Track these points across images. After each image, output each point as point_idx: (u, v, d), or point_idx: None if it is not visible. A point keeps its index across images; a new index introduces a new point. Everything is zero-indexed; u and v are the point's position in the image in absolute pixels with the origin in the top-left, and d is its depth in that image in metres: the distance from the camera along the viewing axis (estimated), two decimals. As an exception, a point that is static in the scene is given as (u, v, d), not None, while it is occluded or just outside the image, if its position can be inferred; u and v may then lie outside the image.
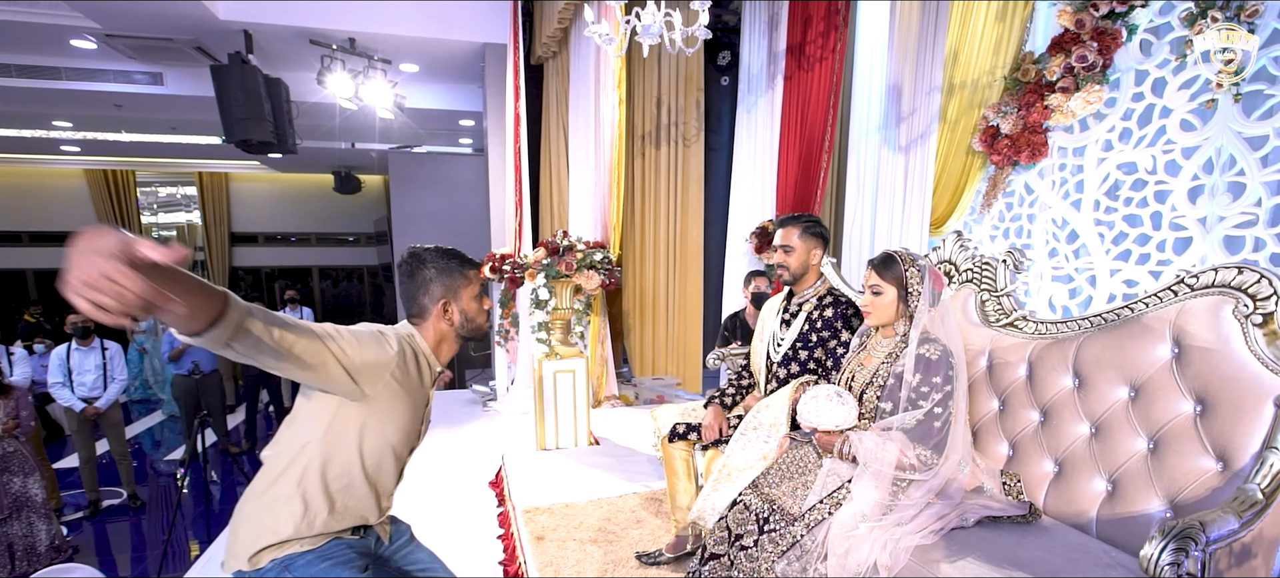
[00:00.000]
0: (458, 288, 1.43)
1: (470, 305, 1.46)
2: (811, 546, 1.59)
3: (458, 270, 1.43)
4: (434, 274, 1.41)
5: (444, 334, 1.45)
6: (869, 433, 1.70)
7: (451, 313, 1.44)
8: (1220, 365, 1.39)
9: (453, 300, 1.43)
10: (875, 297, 1.80)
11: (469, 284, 1.45)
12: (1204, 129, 2.58)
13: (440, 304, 1.42)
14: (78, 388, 4.39)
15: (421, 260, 1.42)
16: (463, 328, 1.47)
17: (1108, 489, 1.57)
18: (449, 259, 1.43)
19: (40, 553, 3.82)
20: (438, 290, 1.42)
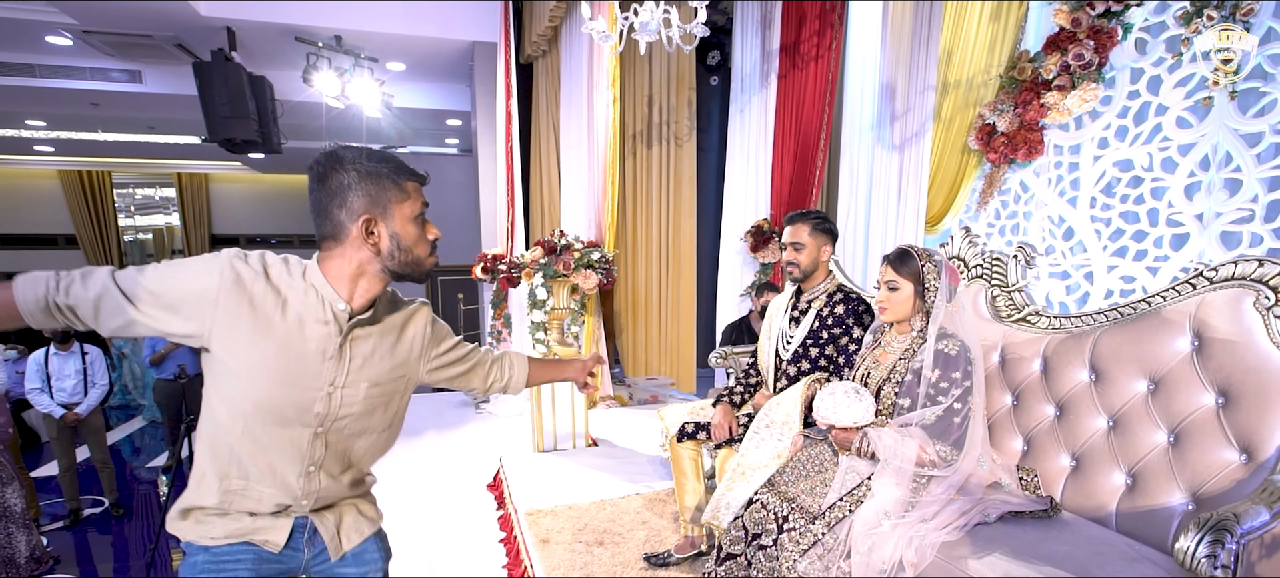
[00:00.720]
0: (388, 201, 1.07)
1: (405, 228, 1.09)
2: (833, 544, 1.56)
3: (389, 177, 1.07)
4: (354, 179, 1.05)
5: (363, 265, 1.08)
6: (888, 430, 1.68)
7: (377, 235, 1.07)
8: (1243, 358, 1.39)
9: (379, 218, 1.07)
10: (892, 293, 1.79)
11: (405, 199, 1.09)
12: (1200, 126, 2.61)
13: (361, 221, 1.05)
14: (57, 394, 4.24)
15: (339, 161, 1.05)
16: (392, 257, 1.09)
17: (1127, 483, 1.57)
18: (381, 163, 1.07)
19: (19, 565, 3.67)
20: (358, 202, 1.05)
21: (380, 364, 1.16)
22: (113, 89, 5.69)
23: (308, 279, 1.08)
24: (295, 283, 1.07)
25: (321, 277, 1.08)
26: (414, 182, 1.11)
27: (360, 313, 1.11)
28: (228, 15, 4.70)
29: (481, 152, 5.52)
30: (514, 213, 4.72)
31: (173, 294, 1.00)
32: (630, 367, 5.47)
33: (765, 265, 4.54)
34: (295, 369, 1.06)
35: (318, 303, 1.07)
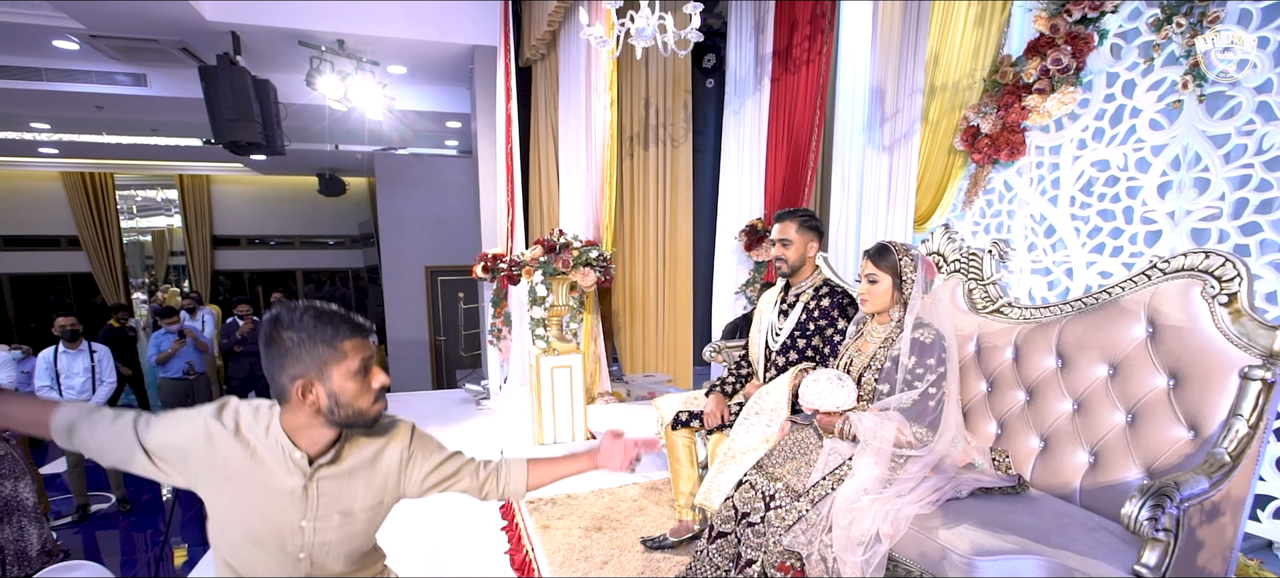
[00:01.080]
0: (325, 363, 1.11)
1: (343, 386, 1.12)
2: (816, 519, 1.67)
3: (325, 342, 1.10)
4: (291, 345, 1.10)
5: (309, 420, 1.14)
6: (868, 413, 1.79)
7: (315, 395, 1.11)
8: (1190, 342, 1.51)
9: (315, 380, 1.11)
10: (871, 285, 1.90)
11: (341, 359, 1.12)
12: (1171, 128, 2.73)
13: (298, 385, 1.10)
14: (66, 391, 4.33)
15: (279, 324, 1.11)
16: (332, 414, 1.13)
17: (1090, 461, 1.68)
18: (320, 325, 1.11)
19: (31, 557, 3.76)
20: (295, 367, 1.10)
21: (351, 498, 1.23)
22: (118, 92, 5.79)
23: (271, 433, 1.16)
24: (261, 435, 1.16)
25: (280, 428, 1.16)
26: (353, 339, 1.13)
27: (320, 456, 1.19)
28: (233, 19, 4.80)
29: (481, 153, 5.63)
30: (514, 213, 4.82)
31: (164, 450, 1.15)
32: (628, 365, 5.58)
33: (759, 264, 4.65)
34: (269, 508, 1.17)
35: (280, 452, 1.16)
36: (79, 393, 4.39)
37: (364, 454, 1.25)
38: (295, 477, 1.17)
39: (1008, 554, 1.39)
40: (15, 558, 3.77)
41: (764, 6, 4.62)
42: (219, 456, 1.14)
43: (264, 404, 1.19)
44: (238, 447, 1.15)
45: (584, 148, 4.63)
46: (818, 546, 1.64)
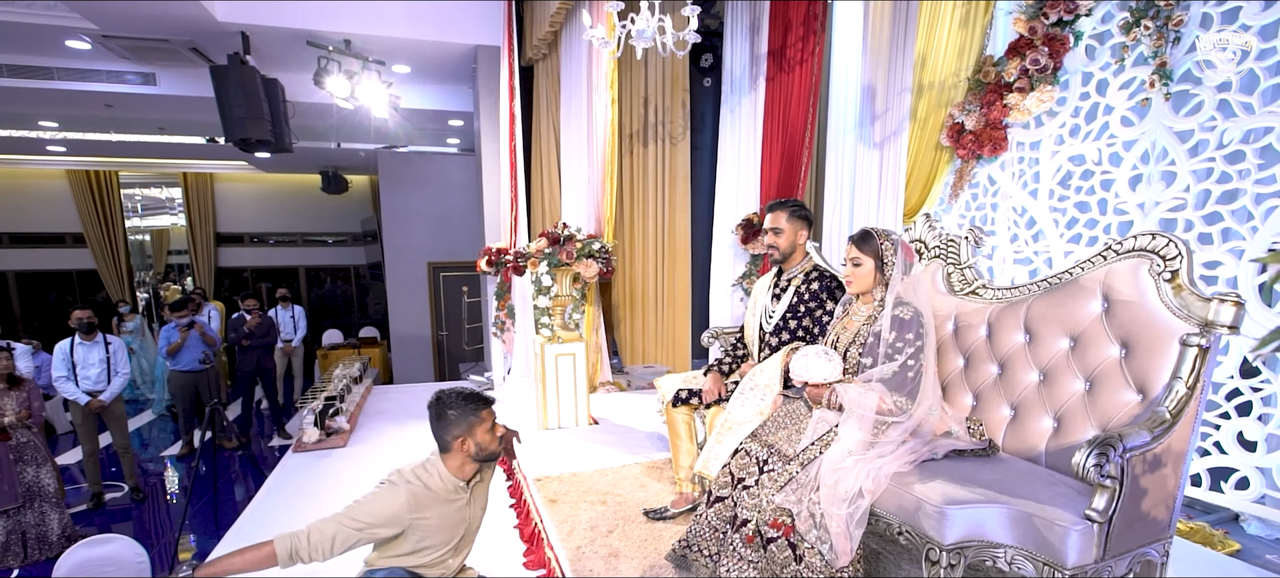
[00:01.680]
0: (473, 426, 1.81)
1: (484, 438, 1.83)
2: (806, 479, 1.84)
3: (473, 413, 1.80)
4: (454, 417, 1.80)
5: (463, 461, 1.84)
6: (853, 384, 1.96)
7: (468, 446, 1.82)
8: (1138, 315, 1.67)
9: (468, 436, 1.81)
10: (855, 268, 2.07)
11: (482, 423, 1.82)
12: (1141, 125, 2.91)
13: (458, 440, 1.81)
14: (82, 381, 4.47)
15: (445, 404, 1.82)
16: (477, 455, 1.84)
17: (1053, 426, 1.85)
18: (466, 403, 1.81)
19: (52, 541, 3.91)
20: (456, 430, 1.80)
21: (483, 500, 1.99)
22: (127, 91, 5.91)
23: (440, 476, 1.82)
24: (436, 481, 1.81)
25: (445, 470, 1.84)
26: (486, 408, 1.85)
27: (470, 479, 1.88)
28: (243, 19, 4.94)
29: (485, 151, 5.78)
30: (517, 209, 4.97)
31: (379, 523, 1.72)
32: (628, 356, 5.73)
33: (755, 256, 4.82)
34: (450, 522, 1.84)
35: (451, 487, 1.83)
36: (95, 383, 4.52)
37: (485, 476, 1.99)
38: (462, 495, 1.87)
39: (975, 503, 1.55)
40: (36, 542, 3.92)
41: (759, 7, 4.79)
42: (422, 508, 1.77)
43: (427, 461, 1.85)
44: (428, 495, 1.79)
45: (586, 145, 4.78)
46: (807, 503, 1.80)
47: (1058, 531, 1.46)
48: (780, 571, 1.83)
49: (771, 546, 1.86)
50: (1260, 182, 2.53)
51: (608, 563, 2.23)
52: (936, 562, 1.57)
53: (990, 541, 1.55)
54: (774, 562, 1.84)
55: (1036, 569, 1.51)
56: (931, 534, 1.58)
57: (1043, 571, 1.49)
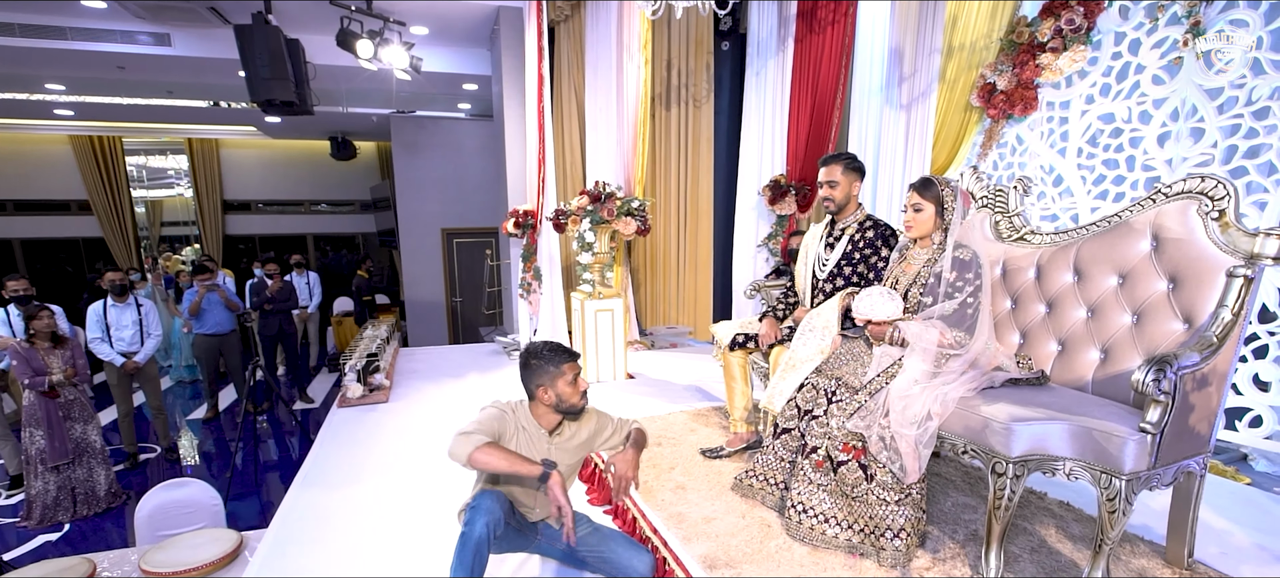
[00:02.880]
0: (554, 377, 1.91)
1: (564, 389, 1.92)
2: (874, 406, 1.98)
3: (554, 364, 1.91)
4: (537, 366, 1.92)
5: (545, 409, 1.96)
6: (915, 321, 2.09)
7: (549, 395, 1.93)
8: (1187, 251, 1.81)
9: (549, 386, 1.92)
10: (917, 213, 2.19)
11: (563, 375, 1.91)
12: (1171, 83, 3.03)
13: (540, 389, 1.93)
14: (117, 343, 4.53)
15: (531, 354, 1.94)
16: (557, 405, 1.94)
17: (1101, 357, 2.00)
18: (551, 355, 1.91)
19: (99, 497, 4.02)
20: (540, 378, 1.92)
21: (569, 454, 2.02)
22: (141, 51, 5.84)
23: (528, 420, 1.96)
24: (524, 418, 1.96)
25: (530, 416, 1.97)
26: (568, 361, 1.93)
27: (553, 430, 1.98)
28: (266, -22, 4.88)
29: (508, 114, 5.79)
30: (544, 171, 5.03)
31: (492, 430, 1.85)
32: (649, 317, 5.86)
33: (781, 217, 4.94)
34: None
35: (535, 430, 1.96)
36: (129, 345, 4.58)
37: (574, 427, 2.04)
38: (545, 442, 1.97)
39: (1038, 420, 1.70)
40: (86, 498, 4.03)
41: (787, -31, 4.81)
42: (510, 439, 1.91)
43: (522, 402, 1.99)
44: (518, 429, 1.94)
45: (615, 106, 4.83)
46: (877, 428, 1.95)
47: (1116, 441, 1.61)
48: (851, 490, 1.99)
49: (842, 468, 2.01)
50: (1287, 137, 2.66)
51: (676, 495, 2.38)
52: (1003, 473, 1.72)
53: (1052, 454, 1.70)
54: (845, 483, 2.00)
55: (1093, 478, 1.66)
56: (998, 449, 1.73)
57: (1100, 479, 1.65)
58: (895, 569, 1.87)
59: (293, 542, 2.33)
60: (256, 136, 9.71)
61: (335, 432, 3.58)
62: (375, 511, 2.55)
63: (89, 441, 4.04)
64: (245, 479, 4.62)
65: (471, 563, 1.75)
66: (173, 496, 2.69)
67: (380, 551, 2.28)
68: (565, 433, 2.02)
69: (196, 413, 6.25)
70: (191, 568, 2.11)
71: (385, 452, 3.24)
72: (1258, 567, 1.94)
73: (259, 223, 10.55)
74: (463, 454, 1.78)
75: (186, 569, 2.09)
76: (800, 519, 2.05)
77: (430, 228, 8.16)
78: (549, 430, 1.97)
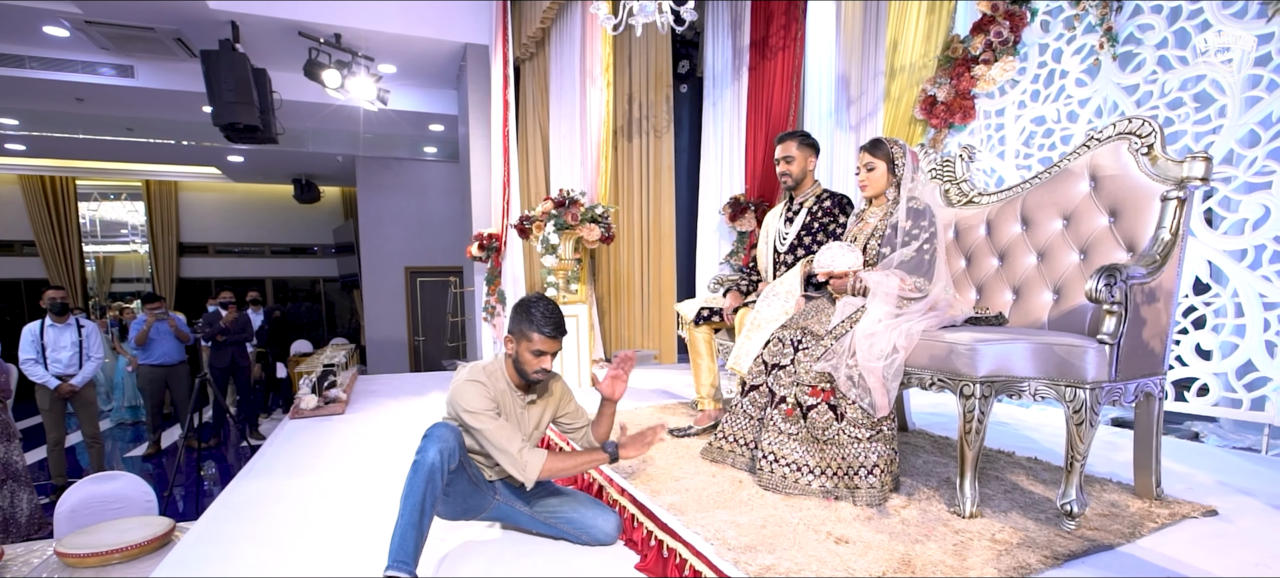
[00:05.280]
0: (524, 332, 1.83)
1: (526, 355, 1.84)
2: (840, 349, 1.98)
3: (529, 323, 1.82)
4: (517, 315, 1.86)
5: (510, 362, 1.89)
6: (875, 271, 2.14)
7: (511, 346, 1.88)
8: (1123, 185, 1.92)
9: (517, 340, 1.86)
10: (869, 172, 2.28)
11: (529, 340, 1.82)
12: (1093, 84, 3.29)
13: (508, 338, 1.88)
14: (52, 365, 4.24)
15: (529, 302, 1.87)
16: (516, 362, 1.87)
17: (1054, 297, 2.07)
18: (542, 316, 1.83)
19: (20, 523, 3.66)
20: (513, 327, 1.87)
21: (537, 416, 1.99)
22: (103, 83, 5.78)
23: (502, 375, 1.89)
24: (499, 381, 1.87)
25: (504, 372, 1.90)
26: (543, 334, 1.82)
27: (520, 388, 1.92)
28: (235, 9, 4.96)
29: (474, 148, 5.87)
30: (509, 193, 5.07)
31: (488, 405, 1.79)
32: (614, 343, 5.80)
33: (742, 234, 5.05)
34: (511, 417, 1.89)
35: (504, 383, 1.89)
36: (66, 367, 4.30)
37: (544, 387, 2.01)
38: (518, 398, 1.92)
39: (1001, 341, 1.73)
40: (4, 523, 3.67)
41: (740, 4, 5.14)
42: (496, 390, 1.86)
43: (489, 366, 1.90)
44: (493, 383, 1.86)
45: (579, 130, 4.95)
46: (844, 367, 1.94)
47: (1076, 352, 1.64)
48: (822, 434, 1.96)
49: (811, 412, 1.99)
50: (1198, 122, 2.90)
51: (642, 464, 2.30)
52: (971, 395, 1.73)
53: (1016, 374, 1.72)
54: (815, 427, 1.97)
55: (1058, 393, 1.69)
56: (964, 371, 1.74)
57: (1066, 393, 1.67)
58: (871, 507, 1.83)
59: (232, 524, 2.14)
60: (219, 179, 9.54)
61: (288, 436, 3.37)
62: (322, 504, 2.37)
63: (11, 462, 3.69)
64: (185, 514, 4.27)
65: (423, 492, 1.62)
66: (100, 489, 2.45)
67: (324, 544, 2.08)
68: (538, 402, 1.99)
69: (136, 450, 5.81)
70: (113, 549, 1.89)
71: (339, 449, 3.06)
72: (1221, 497, 1.97)
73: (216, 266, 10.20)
74: (532, 474, 1.74)
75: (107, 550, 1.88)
76: (772, 469, 1.99)
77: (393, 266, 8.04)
78: (521, 392, 1.92)
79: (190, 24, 5.16)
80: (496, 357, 1.94)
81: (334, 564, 1.85)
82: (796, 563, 1.47)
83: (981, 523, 1.71)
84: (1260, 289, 2.63)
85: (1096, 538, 1.62)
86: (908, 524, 1.70)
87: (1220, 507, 1.87)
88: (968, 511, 1.75)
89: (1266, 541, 1.67)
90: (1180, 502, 1.89)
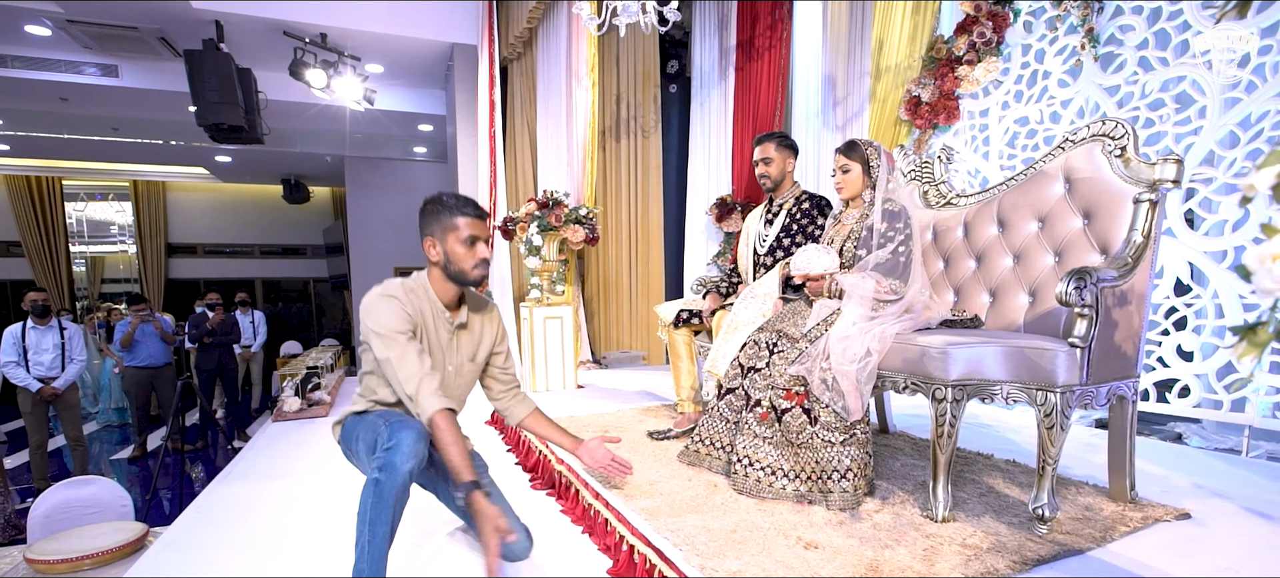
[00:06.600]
0: (443, 229, 1.55)
1: (453, 249, 1.55)
2: (815, 352, 1.98)
3: (445, 212, 1.55)
4: (429, 214, 1.57)
5: (439, 274, 1.59)
6: (851, 273, 2.13)
7: (437, 252, 1.56)
8: (1096, 187, 1.92)
9: (437, 240, 1.56)
10: (845, 174, 2.27)
11: (454, 229, 1.55)
12: (1075, 85, 3.29)
13: (428, 241, 1.57)
14: (34, 367, 4.20)
15: (430, 199, 1.59)
16: (446, 269, 1.58)
17: (1029, 300, 2.06)
18: (441, 202, 1.57)
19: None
20: (426, 228, 1.57)
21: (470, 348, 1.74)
22: (86, 82, 5.73)
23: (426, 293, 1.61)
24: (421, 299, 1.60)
25: (428, 285, 1.62)
26: (465, 216, 1.57)
27: (450, 307, 1.64)
28: (219, 8, 4.91)
29: (462, 149, 5.84)
30: (495, 193, 5.05)
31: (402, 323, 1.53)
32: (603, 344, 5.79)
33: (728, 234, 5.04)
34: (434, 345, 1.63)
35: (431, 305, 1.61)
36: (48, 370, 4.26)
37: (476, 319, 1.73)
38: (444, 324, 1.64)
39: (973, 344, 1.72)
40: (-21, 531, 3.62)
41: (727, 4, 5.13)
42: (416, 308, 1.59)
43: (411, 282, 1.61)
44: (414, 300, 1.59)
45: (565, 130, 4.94)
46: (818, 371, 1.94)
47: (1047, 355, 1.64)
48: (796, 437, 1.95)
49: (785, 416, 1.98)
50: (1178, 122, 2.90)
51: (621, 467, 2.28)
52: (943, 399, 1.72)
53: (987, 378, 1.72)
54: (789, 431, 1.96)
55: (1030, 397, 1.68)
56: (936, 375, 1.73)
57: (1037, 397, 1.66)
58: (845, 512, 1.82)
59: (207, 528, 2.11)
60: (207, 179, 9.48)
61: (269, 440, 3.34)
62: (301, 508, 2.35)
63: (-16, 472, 3.66)
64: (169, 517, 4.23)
65: (390, 519, 1.35)
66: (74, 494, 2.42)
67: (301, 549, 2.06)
68: (472, 327, 1.70)
69: (121, 453, 5.76)
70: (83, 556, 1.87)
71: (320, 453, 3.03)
72: (1196, 500, 1.97)
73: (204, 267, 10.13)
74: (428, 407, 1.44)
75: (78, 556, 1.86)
76: (747, 473, 1.98)
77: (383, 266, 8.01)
78: (450, 312, 1.63)
79: (174, 23, 5.12)
80: (416, 274, 1.63)
81: (309, 568, 1.83)
82: (763, 568, 1.46)
83: (953, 528, 1.71)
84: (1240, 290, 2.63)
85: (1067, 542, 1.62)
86: (879, 529, 1.70)
87: (1194, 510, 1.87)
88: (940, 515, 1.75)
89: (1237, 544, 1.67)
90: (1154, 505, 1.89)
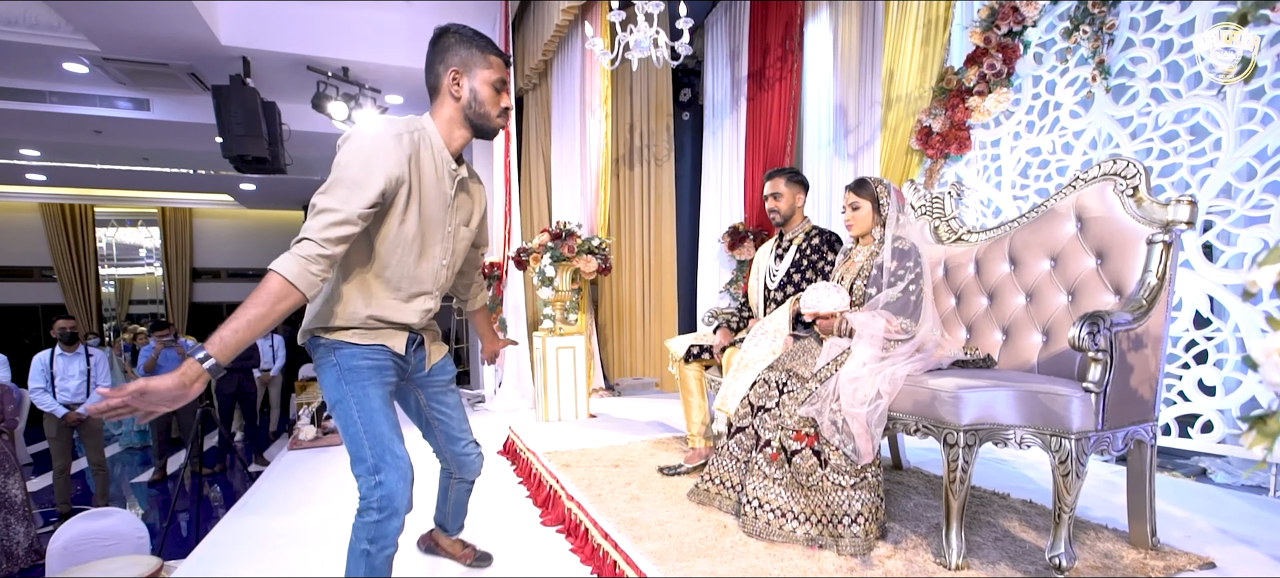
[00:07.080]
0: (473, 65, 1.37)
1: (482, 88, 1.37)
2: (825, 393, 1.97)
3: (478, 48, 1.38)
4: (454, 43, 1.37)
5: (452, 115, 1.39)
6: (861, 311, 2.13)
7: (460, 88, 1.37)
8: (1109, 227, 1.91)
9: (464, 74, 1.37)
10: (854, 212, 2.28)
11: (487, 67, 1.39)
12: (1087, 116, 3.27)
13: (452, 72, 1.36)
14: (61, 393, 4.31)
15: (446, 29, 1.38)
16: (470, 109, 1.39)
17: (1043, 339, 2.04)
18: (465, 34, 1.38)
19: (18, 556, 3.69)
20: (453, 58, 1.37)
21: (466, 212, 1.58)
22: (119, 116, 5.95)
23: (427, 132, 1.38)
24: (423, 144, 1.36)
25: (433, 126, 1.41)
26: (498, 57, 1.42)
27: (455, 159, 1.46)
28: (246, 44, 5.10)
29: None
30: (510, 222, 5.12)
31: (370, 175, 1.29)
32: (616, 371, 5.80)
33: (741, 262, 5.05)
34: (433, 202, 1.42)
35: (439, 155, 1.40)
36: (74, 395, 4.37)
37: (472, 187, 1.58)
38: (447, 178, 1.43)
39: (985, 388, 1.71)
40: (2, 556, 3.70)
41: (738, 36, 5.21)
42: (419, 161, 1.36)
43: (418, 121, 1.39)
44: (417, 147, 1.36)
45: (579, 160, 5.01)
46: (828, 412, 1.93)
47: (1061, 401, 1.62)
48: (806, 479, 1.94)
49: (795, 458, 1.97)
50: (1193, 155, 2.87)
51: (630, 504, 2.28)
52: (954, 444, 1.71)
53: (1001, 422, 1.70)
54: (799, 473, 1.95)
55: (1044, 442, 1.66)
56: (948, 419, 1.72)
57: (1051, 442, 1.64)
58: (855, 558, 1.80)
59: (219, 565, 2.15)
60: (231, 206, 9.73)
61: (284, 470, 3.39)
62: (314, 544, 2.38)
63: (9, 495, 3.74)
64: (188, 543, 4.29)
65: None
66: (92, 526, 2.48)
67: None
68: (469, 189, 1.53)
69: (142, 477, 5.86)
70: (98, 591, 1.91)
71: (335, 484, 3.07)
72: (1220, 547, 1.91)
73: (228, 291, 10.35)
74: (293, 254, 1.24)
75: (92, 592, 1.90)
76: (756, 515, 1.97)
77: (400, 293, 8.11)
78: (452, 152, 1.44)
79: (203, 59, 5.31)
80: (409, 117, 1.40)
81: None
82: (772, 619, 1.44)
83: (967, 576, 1.68)
84: (1262, 325, 2.58)
85: (1084, 593, 1.58)
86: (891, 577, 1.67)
87: (1218, 558, 1.82)
88: (953, 562, 1.72)
89: (1263, 596, 1.62)
90: (1176, 552, 1.84)
